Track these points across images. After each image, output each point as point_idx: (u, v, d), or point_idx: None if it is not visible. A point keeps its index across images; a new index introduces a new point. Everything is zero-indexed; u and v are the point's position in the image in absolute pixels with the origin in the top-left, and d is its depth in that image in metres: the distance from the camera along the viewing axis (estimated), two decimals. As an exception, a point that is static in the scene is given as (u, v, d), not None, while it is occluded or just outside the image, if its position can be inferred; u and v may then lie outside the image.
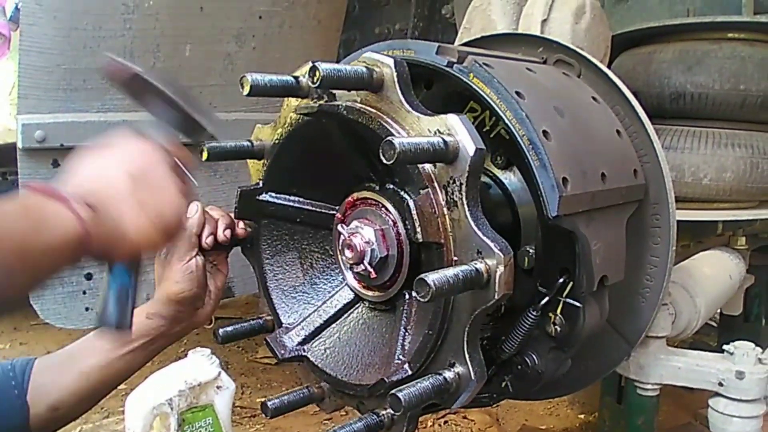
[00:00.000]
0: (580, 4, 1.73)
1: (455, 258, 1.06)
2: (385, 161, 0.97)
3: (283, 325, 1.34)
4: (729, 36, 2.07)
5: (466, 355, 1.08)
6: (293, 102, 1.28)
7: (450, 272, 0.97)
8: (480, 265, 1.01)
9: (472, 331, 1.08)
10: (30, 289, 0.95)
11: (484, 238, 1.02)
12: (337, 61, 1.23)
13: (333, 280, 1.38)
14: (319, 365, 1.28)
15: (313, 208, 1.37)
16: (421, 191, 1.07)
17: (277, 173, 1.35)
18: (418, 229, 1.07)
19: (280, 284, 1.36)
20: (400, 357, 1.17)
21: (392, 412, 1.16)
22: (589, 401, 3.03)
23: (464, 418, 2.95)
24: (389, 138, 0.97)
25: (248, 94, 1.13)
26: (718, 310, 2.64)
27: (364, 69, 1.12)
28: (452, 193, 1.05)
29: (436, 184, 1.07)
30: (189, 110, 1.15)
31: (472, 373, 1.08)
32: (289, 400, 1.32)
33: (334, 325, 1.33)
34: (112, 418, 2.77)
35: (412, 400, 1.02)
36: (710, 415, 1.67)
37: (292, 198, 1.37)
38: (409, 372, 1.14)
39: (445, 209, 1.06)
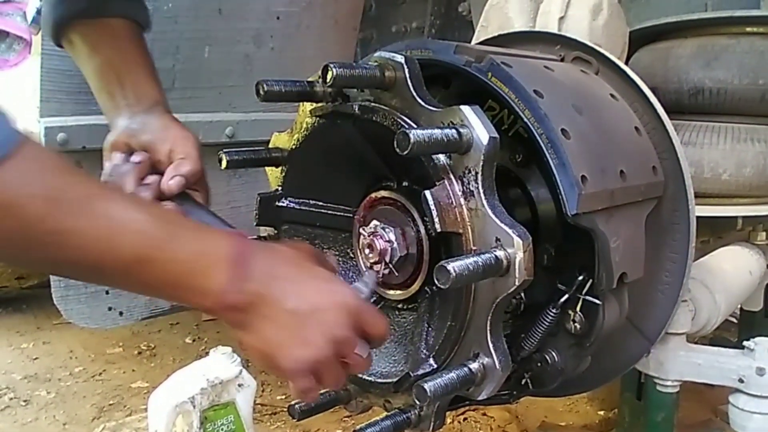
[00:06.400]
0: (597, 1, 1.73)
1: (474, 248, 1.07)
2: (399, 153, 0.99)
3: None
4: (748, 30, 2.04)
5: (490, 345, 1.09)
6: (308, 107, 1.30)
7: (470, 260, 0.98)
8: (499, 253, 1.02)
9: (494, 320, 1.09)
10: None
11: (503, 226, 1.03)
12: (355, 61, 1.24)
13: (354, 282, 1.39)
14: None
15: (332, 211, 1.38)
16: (437, 183, 1.08)
17: (296, 178, 1.37)
18: (436, 220, 1.07)
19: None
20: (425, 352, 1.19)
21: (419, 408, 1.17)
22: (608, 398, 3.01)
23: (483, 414, 2.94)
24: (403, 129, 0.98)
25: (263, 100, 1.15)
26: (739, 306, 2.62)
27: (376, 67, 1.14)
28: (468, 183, 1.06)
29: (451, 175, 1.08)
30: None
31: (496, 363, 1.09)
32: (316, 403, 1.32)
33: (357, 327, 1.34)
34: (134, 416, 2.80)
35: (438, 391, 1.04)
36: (730, 411, 1.66)
37: (310, 202, 1.39)
38: (434, 365, 1.15)
39: (461, 199, 1.07)
